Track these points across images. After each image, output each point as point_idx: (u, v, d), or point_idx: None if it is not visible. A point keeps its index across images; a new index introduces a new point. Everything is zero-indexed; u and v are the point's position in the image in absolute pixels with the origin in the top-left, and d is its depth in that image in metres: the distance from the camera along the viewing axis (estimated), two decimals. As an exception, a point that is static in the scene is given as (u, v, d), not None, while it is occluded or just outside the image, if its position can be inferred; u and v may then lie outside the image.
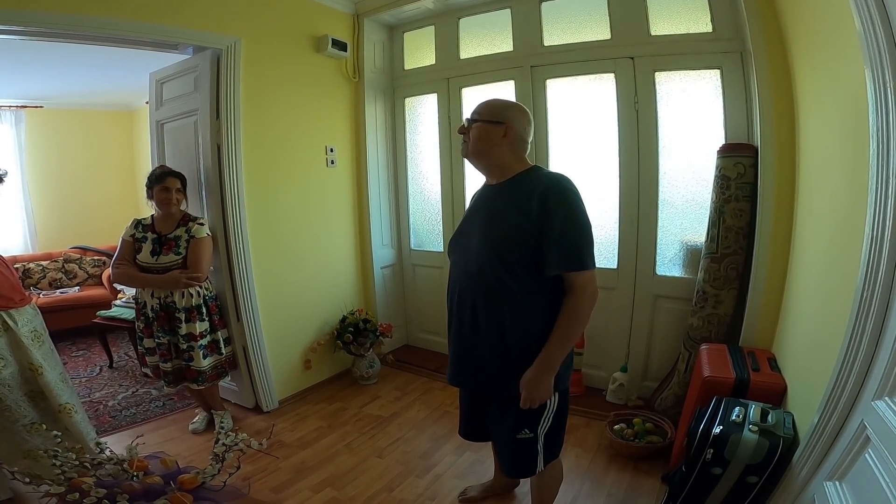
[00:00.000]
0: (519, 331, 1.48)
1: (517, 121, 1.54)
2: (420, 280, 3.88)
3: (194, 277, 2.48)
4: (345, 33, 3.37)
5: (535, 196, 1.43)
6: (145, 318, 2.55)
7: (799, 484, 1.52)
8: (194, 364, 2.56)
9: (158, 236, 2.49)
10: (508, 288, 1.46)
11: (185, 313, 2.51)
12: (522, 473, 1.70)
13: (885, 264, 1.22)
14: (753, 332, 2.37)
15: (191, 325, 2.52)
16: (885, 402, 1.21)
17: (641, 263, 2.85)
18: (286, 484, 2.31)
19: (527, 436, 1.57)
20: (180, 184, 2.52)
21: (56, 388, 2.10)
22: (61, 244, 5.14)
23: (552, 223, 1.40)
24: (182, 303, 2.49)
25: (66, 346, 4.26)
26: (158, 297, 2.50)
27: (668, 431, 2.45)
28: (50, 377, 2.09)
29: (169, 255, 2.46)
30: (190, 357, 2.55)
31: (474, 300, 1.53)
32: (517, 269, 1.45)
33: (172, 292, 2.49)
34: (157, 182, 2.47)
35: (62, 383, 2.17)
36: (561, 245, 1.39)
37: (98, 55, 3.30)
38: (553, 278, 1.45)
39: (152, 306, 2.50)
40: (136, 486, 1.33)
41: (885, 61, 1.19)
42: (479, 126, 1.54)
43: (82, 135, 5.48)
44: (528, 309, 1.47)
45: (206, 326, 2.60)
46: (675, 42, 2.59)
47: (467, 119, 1.58)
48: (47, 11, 2.09)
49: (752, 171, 2.34)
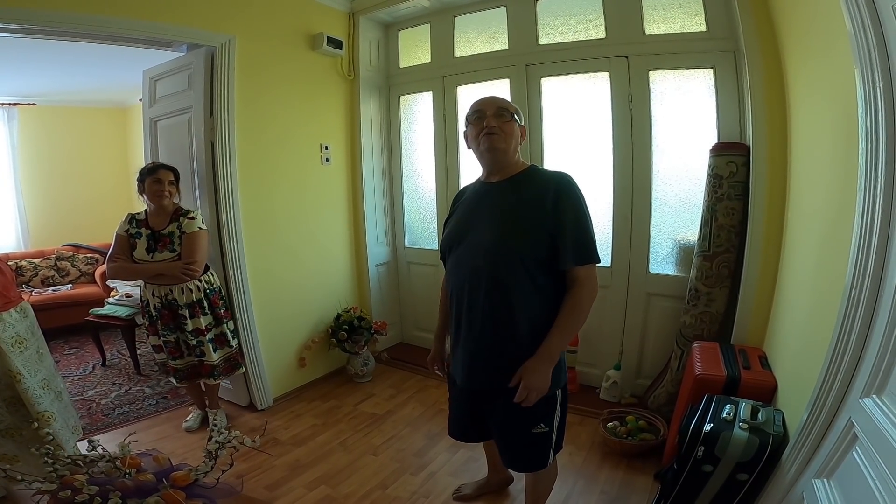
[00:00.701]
0: (531, 326, 1.50)
1: (523, 120, 1.62)
2: (415, 278, 3.88)
3: (189, 267, 2.44)
4: (340, 31, 3.36)
5: (549, 194, 1.46)
6: (149, 316, 2.55)
7: (788, 481, 1.53)
8: (207, 359, 2.57)
9: (153, 232, 2.47)
10: (521, 284, 1.47)
11: (188, 309, 2.50)
12: (534, 467, 1.68)
13: (873, 263, 1.23)
14: (745, 330, 2.38)
15: (195, 320, 2.53)
16: (873, 399, 1.22)
17: (635, 262, 2.86)
18: (280, 482, 2.31)
19: (542, 430, 1.58)
20: (173, 176, 2.49)
21: (35, 396, 2.04)
22: (54, 242, 5.12)
23: (566, 219, 1.44)
24: (183, 299, 2.49)
25: (59, 344, 4.25)
26: (159, 296, 2.49)
27: (661, 429, 2.47)
28: (29, 384, 2.03)
29: (164, 253, 2.45)
30: (202, 352, 2.56)
31: (485, 298, 1.51)
32: (532, 265, 1.47)
33: (172, 289, 2.48)
34: (150, 174, 2.43)
35: (43, 390, 2.11)
36: (575, 240, 1.44)
37: (91, 52, 3.29)
38: (558, 275, 1.49)
39: (154, 304, 2.50)
40: (129, 483, 1.33)
41: (875, 61, 1.20)
42: (513, 124, 1.56)
43: (75, 132, 5.45)
44: (537, 304, 1.49)
45: (210, 320, 2.59)
46: (669, 41, 2.60)
47: (504, 110, 1.55)
48: (40, 9, 2.08)
49: (744, 170, 2.35)
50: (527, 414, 1.56)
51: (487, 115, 1.53)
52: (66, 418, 2.25)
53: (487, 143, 1.53)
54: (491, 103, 1.56)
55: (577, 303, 1.48)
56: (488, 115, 1.53)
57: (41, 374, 2.14)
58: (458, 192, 1.78)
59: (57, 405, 2.19)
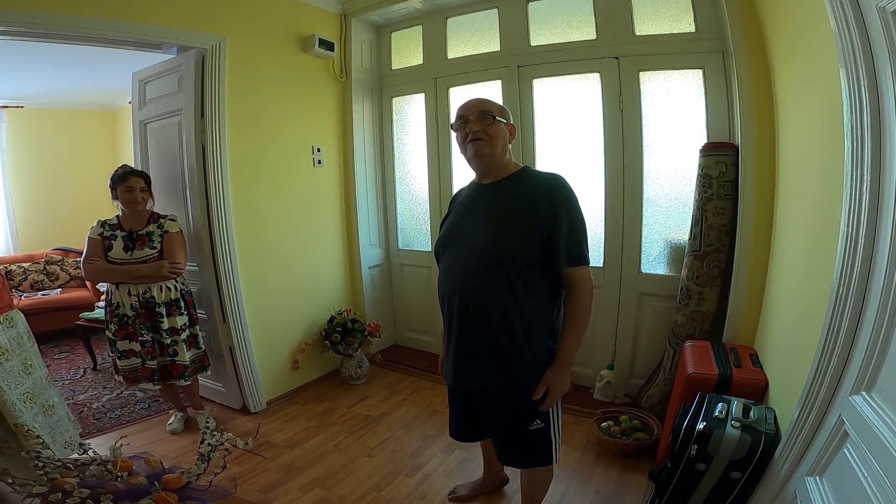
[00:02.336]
0: (523, 326, 1.51)
1: (511, 119, 1.62)
2: (408, 279, 3.88)
3: (177, 265, 2.50)
4: (332, 33, 3.36)
5: (542, 195, 1.47)
6: (119, 319, 2.49)
7: (781, 479, 1.54)
8: (179, 359, 2.56)
9: (129, 233, 2.47)
10: (513, 285, 1.48)
11: (165, 307, 2.50)
12: (537, 462, 1.68)
13: (859, 261, 1.24)
14: (736, 329, 2.40)
15: (172, 318, 2.53)
16: (863, 396, 1.23)
17: (627, 261, 2.87)
18: (275, 484, 2.30)
19: (538, 426, 1.59)
20: (144, 182, 2.50)
21: (13, 410, 1.98)
22: (43, 246, 5.08)
23: (560, 221, 1.45)
24: (161, 297, 2.49)
25: (49, 349, 4.21)
26: (136, 295, 2.47)
27: (655, 428, 2.48)
28: (7, 397, 1.97)
29: (144, 250, 2.45)
30: (175, 352, 2.56)
31: (478, 299, 1.52)
32: (524, 266, 1.48)
33: (150, 287, 2.47)
34: (121, 182, 2.45)
35: (24, 404, 2.04)
36: (568, 241, 1.45)
37: (80, 55, 3.26)
38: (553, 276, 1.50)
39: (131, 304, 2.47)
40: (121, 486, 1.32)
41: (860, 60, 1.22)
42: (498, 125, 1.55)
43: (64, 135, 5.41)
44: (529, 304, 1.50)
45: (185, 320, 2.61)
46: (658, 42, 2.62)
47: (486, 113, 1.53)
48: (27, 11, 2.06)
49: (733, 170, 2.37)
50: (521, 412, 1.58)
51: (470, 121, 1.54)
52: (55, 433, 2.17)
53: (473, 150, 1.55)
54: (473, 107, 1.56)
55: (579, 306, 1.50)
56: (471, 119, 1.53)
57: (23, 387, 2.07)
58: (455, 194, 1.79)
59: (42, 419, 2.12)
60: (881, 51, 1.16)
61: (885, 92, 1.17)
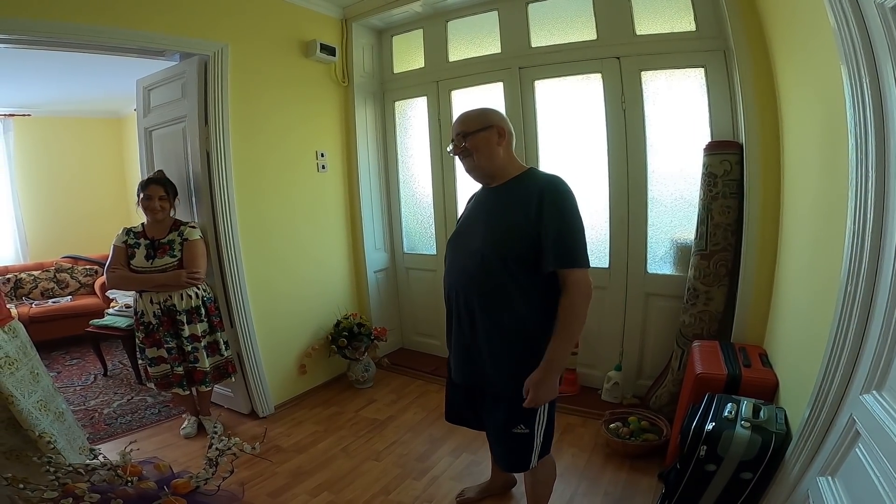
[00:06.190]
0: (514, 329, 1.52)
1: (501, 119, 1.61)
2: (414, 283, 3.88)
3: (194, 274, 2.53)
4: (333, 38, 3.37)
5: (533, 196, 1.48)
6: (145, 327, 2.55)
7: (793, 479, 1.52)
8: (200, 365, 2.60)
9: (151, 241, 2.52)
10: (505, 286, 1.50)
11: (186, 315, 2.54)
12: (516, 468, 1.74)
13: (867, 258, 1.23)
14: (744, 328, 2.38)
15: (192, 326, 2.56)
16: (873, 395, 1.21)
17: (633, 262, 2.86)
18: (283, 488, 2.30)
19: (522, 431, 1.59)
20: (163, 191, 2.54)
21: (30, 418, 1.96)
22: (53, 254, 5.11)
23: (549, 222, 1.45)
24: (182, 305, 2.53)
25: (60, 356, 4.25)
26: (158, 303, 2.51)
27: (664, 429, 2.46)
28: (23, 406, 1.94)
29: (164, 258, 2.49)
30: (196, 358, 2.59)
31: (472, 299, 1.57)
32: (515, 268, 1.49)
33: (171, 295, 2.51)
34: (142, 190, 2.52)
35: (39, 412, 2.03)
36: (557, 243, 1.44)
37: (85, 62, 3.30)
38: (547, 278, 1.49)
39: (154, 312, 2.52)
40: (130, 491, 1.33)
41: (860, 57, 1.21)
42: (475, 137, 1.57)
43: (71, 143, 5.45)
44: (522, 307, 1.51)
45: (205, 327, 2.63)
46: (659, 41, 2.61)
47: (458, 135, 1.60)
48: (33, 19, 2.08)
49: (738, 168, 2.36)
50: (505, 414, 1.60)
51: (454, 143, 1.61)
52: (70, 439, 2.17)
53: (465, 167, 1.64)
54: (455, 127, 1.63)
55: (568, 308, 1.46)
56: (454, 140, 1.61)
57: (36, 395, 2.07)
58: (472, 196, 1.82)
59: (58, 426, 2.12)
60: (881, 47, 1.15)
61: (887, 89, 1.16)
